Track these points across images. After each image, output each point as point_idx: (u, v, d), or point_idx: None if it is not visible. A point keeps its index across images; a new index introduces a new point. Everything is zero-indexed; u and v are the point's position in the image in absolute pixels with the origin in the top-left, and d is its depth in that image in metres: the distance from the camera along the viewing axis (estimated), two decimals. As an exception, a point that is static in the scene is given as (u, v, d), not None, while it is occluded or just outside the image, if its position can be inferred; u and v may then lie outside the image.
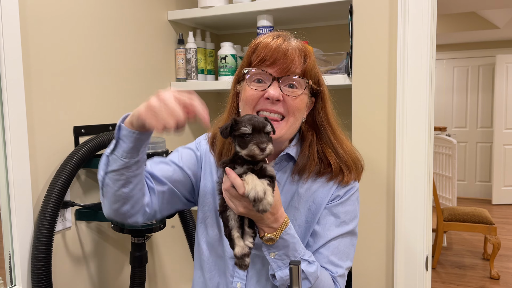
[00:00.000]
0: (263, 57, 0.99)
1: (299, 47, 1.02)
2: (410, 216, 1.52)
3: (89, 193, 1.59)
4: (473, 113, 6.48)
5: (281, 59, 0.98)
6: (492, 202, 6.14)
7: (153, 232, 1.55)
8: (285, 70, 0.99)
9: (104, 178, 0.97)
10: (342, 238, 1.05)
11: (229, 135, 0.91)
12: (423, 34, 1.46)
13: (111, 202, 0.98)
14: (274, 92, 0.98)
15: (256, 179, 0.87)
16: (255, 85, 1.01)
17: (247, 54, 1.04)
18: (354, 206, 1.08)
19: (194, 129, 2.21)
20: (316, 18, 2.02)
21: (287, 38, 1.02)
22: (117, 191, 0.96)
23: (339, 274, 1.03)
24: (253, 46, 1.03)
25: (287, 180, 1.07)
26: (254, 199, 0.84)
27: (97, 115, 1.60)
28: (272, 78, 0.99)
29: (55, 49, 1.43)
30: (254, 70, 1.01)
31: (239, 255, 0.92)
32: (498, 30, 5.27)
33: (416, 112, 1.49)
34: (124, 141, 0.93)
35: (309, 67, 1.02)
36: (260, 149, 0.87)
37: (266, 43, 1.00)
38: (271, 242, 0.94)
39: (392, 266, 1.57)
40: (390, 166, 1.55)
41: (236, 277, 1.07)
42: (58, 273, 1.45)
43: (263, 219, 0.92)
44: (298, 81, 1.01)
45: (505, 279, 3.69)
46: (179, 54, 1.99)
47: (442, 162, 4.48)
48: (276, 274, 0.97)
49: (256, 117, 0.91)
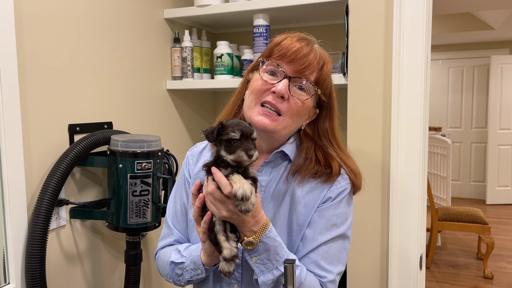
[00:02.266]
0: (284, 52, 1.00)
1: (321, 54, 1.03)
2: (405, 216, 1.52)
3: (84, 191, 1.58)
4: (467, 114, 6.52)
5: (300, 59, 0.99)
6: (486, 202, 6.18)
7: (148, 231, 1.55)
8: (300, 71, 1.00)
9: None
10: (333, 242, 1.02)
11: (215, 139, 0.90)
12: (418, 35, 1.47)
13: None
14: (281, 88, 0.98)
15: (242, 178, 0.88)
16: (267, 76, 1.01)
17: (270, 46, 1.04)
18: (346, 208, 1.05)
19: (192, 131, 2.21)
20: (312, 18, 2.03)
21: (312, 43, 1.03)
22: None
23: (328, 279, 1.01)
24: (277, 40, 1.04)
25: (280, 178, 1.05)
26: (242, 197, 0.84)
27: (92, 113, 1.59)
28: (285, 75, 1.00)
29: (50, 46, 1.42)
30: (270, 61, 1.01)
31: (229, 257, 0.92)
32: (493, 31, 5.29)
33: (411, 112, 1.49)
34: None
35: (323, 76, 1.03)
36: (248, 155, 0.87)
37: (291, 42, 1.01)
38: (251, 246, 0.93)
39: (387, 265, 1.58)
40: (385, 165, 1.56)
41: (232, 279, 1.05)
42: (52, 271, 1.45)
43: (244, 222, 0.91)
44: (308, 86, 1.01)
45: (499, 279, 3.71)
46: (175, 53, 1.99)
47: (437, 162, 4.50)
48: (258, 279, 0.95)
49: (242, 122, 0.91)
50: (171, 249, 1.12)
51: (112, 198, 1.48)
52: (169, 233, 1.15)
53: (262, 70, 1.02)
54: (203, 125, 2.32)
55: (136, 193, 1.46)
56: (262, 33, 1.83)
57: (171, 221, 1.16)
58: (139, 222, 1.49)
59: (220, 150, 0.90)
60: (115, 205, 1.48)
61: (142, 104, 1.86)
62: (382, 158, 1.56)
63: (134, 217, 1.47)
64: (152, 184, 1.49)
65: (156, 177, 1.51)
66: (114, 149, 1.46)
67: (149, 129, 1.90)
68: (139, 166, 1.45)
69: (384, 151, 1.56)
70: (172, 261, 1.08)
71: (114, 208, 1.48)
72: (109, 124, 1.66)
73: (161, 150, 1.53)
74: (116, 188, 1.46)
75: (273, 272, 0.94)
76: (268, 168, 1.06)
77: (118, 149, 1.45)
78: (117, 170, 1.45)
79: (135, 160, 1.45)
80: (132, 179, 1.45)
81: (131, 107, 1.79)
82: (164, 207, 1.59)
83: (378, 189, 1.58)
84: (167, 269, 1.10)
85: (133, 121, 1.80)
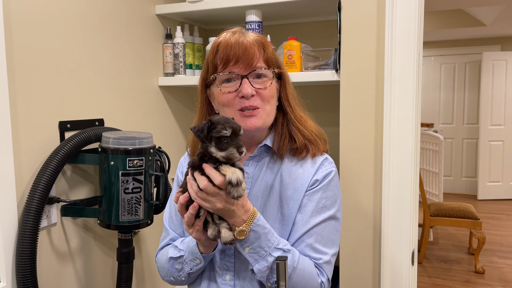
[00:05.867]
0: (226, 58, 1.03)
1: (256, 38, 1.06)
2: (397, 212, 1.53)
3: (75, 189, 1.57)
4: (459, 110, 6.56)
5: (243, 55, 1.02)
6: (477, 198, 6.23)
7: (140, 228, 1.54)
8: (250, 65, 1.03)
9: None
10: (325, 224, 1.05)
11: (206, 136, 0.92)
12: (410, 31, 1.47)
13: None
14: (247, 90, 1.02)
15: (231, 167, 0.91)
16: (226, 86, 1.04)
17: (210, 58, 1.07)
18: (334, 191, 1.09)
19: (184, 128, 2.20)
20: (305, 14, 2.02)
21: (243, 33, 1.06)
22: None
23: (324, 260, 1.04)
24: (213, 48, 1.06)
25: (267, 168, 1.10)
26: (237, 182, 0.88)
27: (83, 110, 1.58)
28: (241, 76, 1.03)
29: (39, 43, 1.40)
30: (221, 74, 1.04)
31: (212, 237, 0.97)
32: (485, 27, 5.33)
33: (403, 108, 1.50)
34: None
35: (269, 55, 1.06)
36: (239, 152, 0.90)
37: (226, 42, 1.03)
38: (243, 235, 0.95)
39: (379, 261, 1.59)
40: (377, 161, 1.56)
41: (225, 269, 1.08)
42: (43, 270, 1.44)
43: (235, 212, 0.94)
44: (264, 72, 1.05)
45: (490, 273, 3.75)
46: (167, 49, 1.97)
47: (429, 158, 4.53)
48: (254, 268, 0.98)
49: (229, 119, 0.93)
50: (168, 247, 1.16)
51: (104, 195, 1.47)
52: (166, 235, 1.20)
53: (219, 84, 1.05)
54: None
55: (128, 190, 1.45)
56: (254, 29, 1.82)
57: (167, 223, 1.20)
58: (131, 220, 1.48)
59: (209, 147, 0.91)
60: (107, 203, 1.46)
61: (134, 101, 1.84)
62: (374, 154, 1.57)
63: (126, 214, 1.46)
64: (144, 182, 1.48)
65: (148, 174, 1.50)
66: (106, 146, 1.45)
67: (141, 126, 1.89)
68: (131, 163, 1.44)
69: (377, 147, 1.56)
70: (170, 256, 1.11)
71: (106, 206, 1.47)
72: (100, 121, 1.65)
73: (153, 147, 1.52)
74: (107, 186, 1.45)
75: (267, 259, 0.97)
76: (253, 162, 1.11)
77: (109, 146, 1.44)
78: (108, 167, 1.44)
79: (127, 157, 1.44)
80: (124, 176, 1.44)
81: (122, 104, 1.77)
82: (156, 204, 1.58)
83: (370, 185, 1.58)
84: (167, 266, 1.13)
85: (124, 118, 1.79)
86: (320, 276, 1.03)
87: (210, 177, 0.90)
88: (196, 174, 0.93)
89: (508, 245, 4.41)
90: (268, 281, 0.99)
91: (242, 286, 1.06)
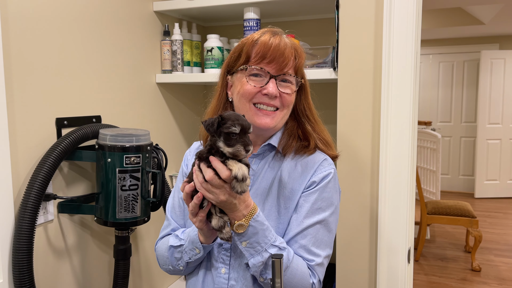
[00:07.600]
0: (262, 54, 1.05)
1: (293, 45, 1.09)
2: (393, 209, 1.53)
3: (72, 186, 1.57)
4: (457, 108, 6.57)
5: (279, 58, 1.05)
6: (474, 196, 6.25)
7: (137, 225, 1.54)
8: (281, 68, 1.06)
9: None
10: (320, 226, 1.06)
11: (215, 131, 0.94)
12: (408, 29, 1.47)
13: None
14: (273, 90, 1.05)
15: (238, 162, 0.93)
16: (253, 80, 1.07)
17: (245, 48, 1.08)
18: (331, 193, 1.09)
19: (182, 125, 2.20)
20: (303, 12, 2.02)
21: (282, 37, 1.08)
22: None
23: (316, 263, 1.05)
24: (251, 41, 1.08)
25: (269, 166, 1.12)
26: (242, 177, 0.90)
27: (80, 106, 1.57)
28: (270, 76, 1.06)
29: (37, 40, 1.40)
30: (253, 66, 1.06)
31: (217, 227, 0.99)
32: (483, 26, 5.33)
33: (400, 106, 1.50)
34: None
35: (300, 65, 1.10)
36: (245, 150, 0.92)
37: (265, 41, 1.06)
38: (242, 229, 0.97)
39: (375, 258, 1.59)
40: (374, 159, 1.57)
41: (221, 262, 1.10)
42: (40, 266, 1.44)
43: (236, 206, 0.96)
44: (291, 79, 1.08)
45: (486, 271, 3.77)
46: (165, 46, 1.97)
47: (427, 156, 4.53)
48: (249, 262, 1.00)
49: (240, 116, 0.95)
50: (169, 236, 1.18)
51: (101, 192, 1.47)
52: (167, 224, 1.23)
53: (246, 74, 1.07)
54: (193, 119, 2.31)
55: (125, 187, 1.45)
56: (252, 27, 1.82)
57: (169, 213, 1.23)
58: (128, 217, 1.48)
59: (218, 141, 0.94)
60: (104, 200, 1.46)
61: (131, 98, 1.84)
62: (371, 152, 1.57)
63: (123, 211, 1.46)
64: (141, 179, 1.48)
65: (145, 172, 1.50)
66: (103, 143, 1.45)
67: (138, 123, 1.88)
68: (128, 161, 1.44)
69: (374, 145, 1.56)
70: (171, 245, 1.14)
71: (103, 203, 1.47)
72: (97, 118, 1.65)
73: (150, 144, 1.52)
74: (104, 183, 1.45)
75: (262, 254, 0.99)
76: (257, 160, 1.14)
77: (106, 143, 1.44)
78: (105, 164, 1.44)
79: (124, 155, 1.43)
80: (121, 173, 1.44)
81: (120, 101, 1.77)
82: (154, 201, 1.59)
83: (367, 183, 1.58)
84: (166, 254, 1.16)
85: (122, 115, 1.78)
86: (312, 277, 1.05)
87: (217, 170, 0.92)
88: (202, 166, 0.95)
89: (504, 243, 4.43)
90: (261, 276, 1.01)
91: (236, 279, 1.08)
